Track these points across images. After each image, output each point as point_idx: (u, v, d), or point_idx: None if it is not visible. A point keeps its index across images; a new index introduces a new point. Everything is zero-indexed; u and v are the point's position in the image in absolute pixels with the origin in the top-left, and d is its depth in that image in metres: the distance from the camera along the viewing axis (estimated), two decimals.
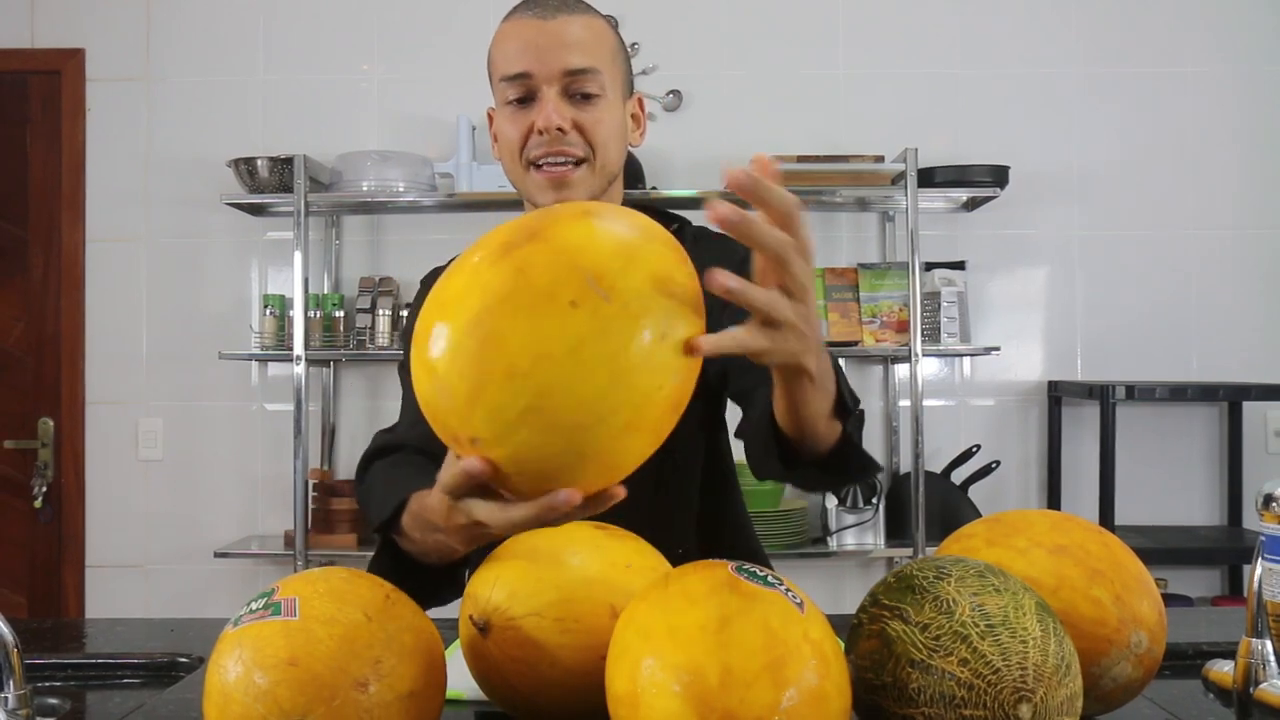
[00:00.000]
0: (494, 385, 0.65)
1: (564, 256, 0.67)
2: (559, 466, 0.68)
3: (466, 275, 0.69)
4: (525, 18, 1.18)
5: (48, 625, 1.32)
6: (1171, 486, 3.06)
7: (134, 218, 3.10)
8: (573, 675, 0.83)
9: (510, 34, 1.19)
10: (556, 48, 1.15)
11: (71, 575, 3.08)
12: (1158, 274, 3.08)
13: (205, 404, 3.09)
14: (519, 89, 1.17)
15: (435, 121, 3.07)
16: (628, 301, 0.67)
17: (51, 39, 3.11)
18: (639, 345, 0.66)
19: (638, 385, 0.67)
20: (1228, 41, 3.09)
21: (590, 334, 0.65)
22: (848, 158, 2.85)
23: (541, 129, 1.16)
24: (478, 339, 0.66)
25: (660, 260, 0.71)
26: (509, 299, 0.66)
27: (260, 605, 0.77)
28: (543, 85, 1.16)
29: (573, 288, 0.66)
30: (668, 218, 1.38)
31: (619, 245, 0.69)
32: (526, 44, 1.16)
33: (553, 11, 1.17)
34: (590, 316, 0.65)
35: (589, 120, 1.17)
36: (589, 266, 0.66)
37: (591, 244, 0.68)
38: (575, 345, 0.65)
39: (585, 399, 0.65)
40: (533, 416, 0.65)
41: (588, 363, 0.65)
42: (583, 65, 1.16)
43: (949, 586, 0.77)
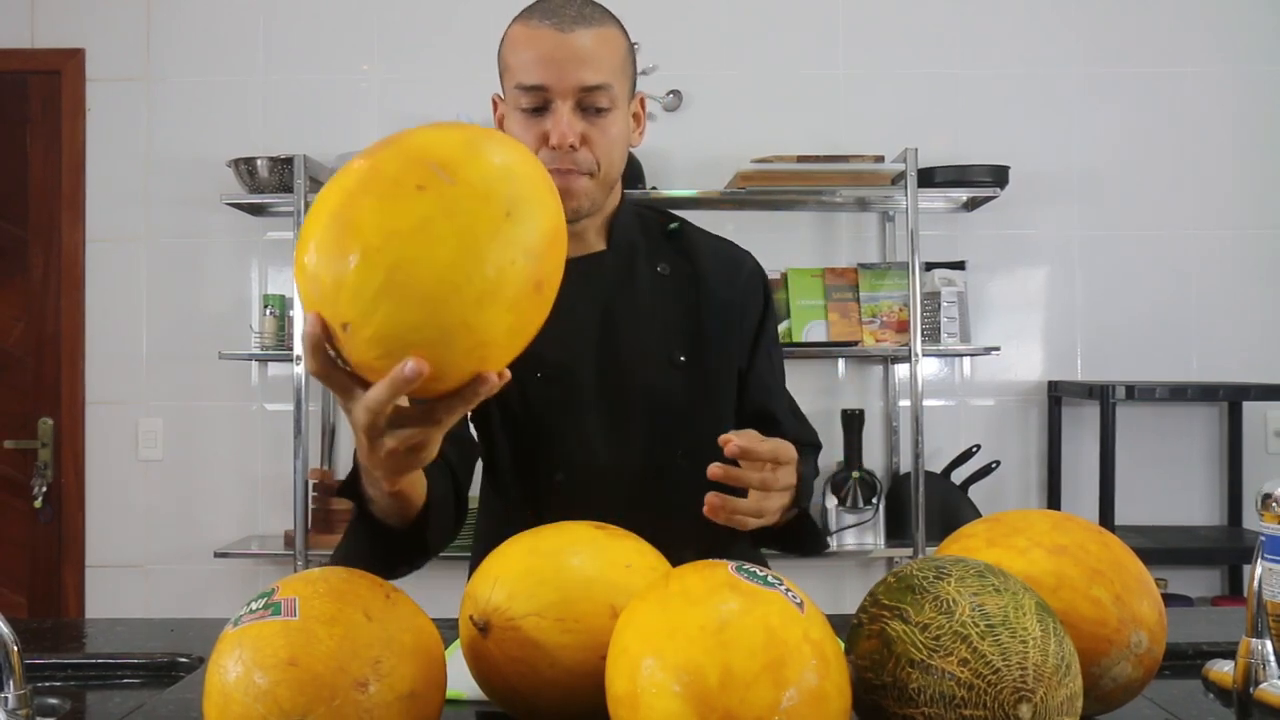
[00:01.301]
0: (350, 267, 0.70)
1: (413, 151, 0.73)
2: (423, 341, 0.70)
3: (331, 182, 0.75)
4: (543, 27, 1.19)
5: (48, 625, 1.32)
6: (1171, 486, 3.06)
7: (134, 218, 3.10)
8: (573, 675, 0.83)
9: (527, 41, 1.20)
10: (572, 63, 1.17)
11: (71, 575, 3.08)
12: (1158, 274, 3.08)
13: (205, 404, 3.09)
14: (533, 99, 1.19)
15: (435, 121, 3.06)
16: (473, 183, 0.72)
17: (51, 39, 3.11)
18: (486, 220, 0.71)
19: (488, 258, 0.71)
20: (1228, 41, 3.09)
21: (437, 212, 0.70)
22: (848, 158, 2.85)
23: (555, 145, 1.19)
24: (336, 229, 0.71)
25: (506, 153, 0.76)
26: (361, 189, 0.71)
27: (260, 605, 0.77)
28: (557, 99, 1.19)
29: (419, 174, 0.71)
30: (667, 217, 1.40)
31: (465, 140, 0.75)
32: (543, 56, 1.18)
33: (570, 23, 1.18)
34: (436, 197, 0.70)
35: (598, 135, 1.20)
36: (435, 157, 0.72)
37: (439, 140, 0.75)
38: (423, 222, 0.70)
39: (437, 270, 0.69)
40: (390, 290, 0.69)
41: (436, 237, 0.70)
42: (596, 81, 1.18)
43: (949, 586, 0.77)
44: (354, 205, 0.71)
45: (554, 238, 0.77)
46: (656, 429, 1.29)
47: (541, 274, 0.75)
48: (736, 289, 1.35)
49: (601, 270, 1.30)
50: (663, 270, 1.33)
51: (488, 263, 0.71)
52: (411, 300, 0.69)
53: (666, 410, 1.28)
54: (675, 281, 1.33)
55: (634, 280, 1.32)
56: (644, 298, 1.31)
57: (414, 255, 0.69)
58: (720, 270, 1.36)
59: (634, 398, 1.28)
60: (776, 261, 2.93)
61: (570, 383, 1.27)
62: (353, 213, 0.71)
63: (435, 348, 0.71)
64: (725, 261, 1.38)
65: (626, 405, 1.27)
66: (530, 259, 0.73)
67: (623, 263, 1.32)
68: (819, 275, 2.95)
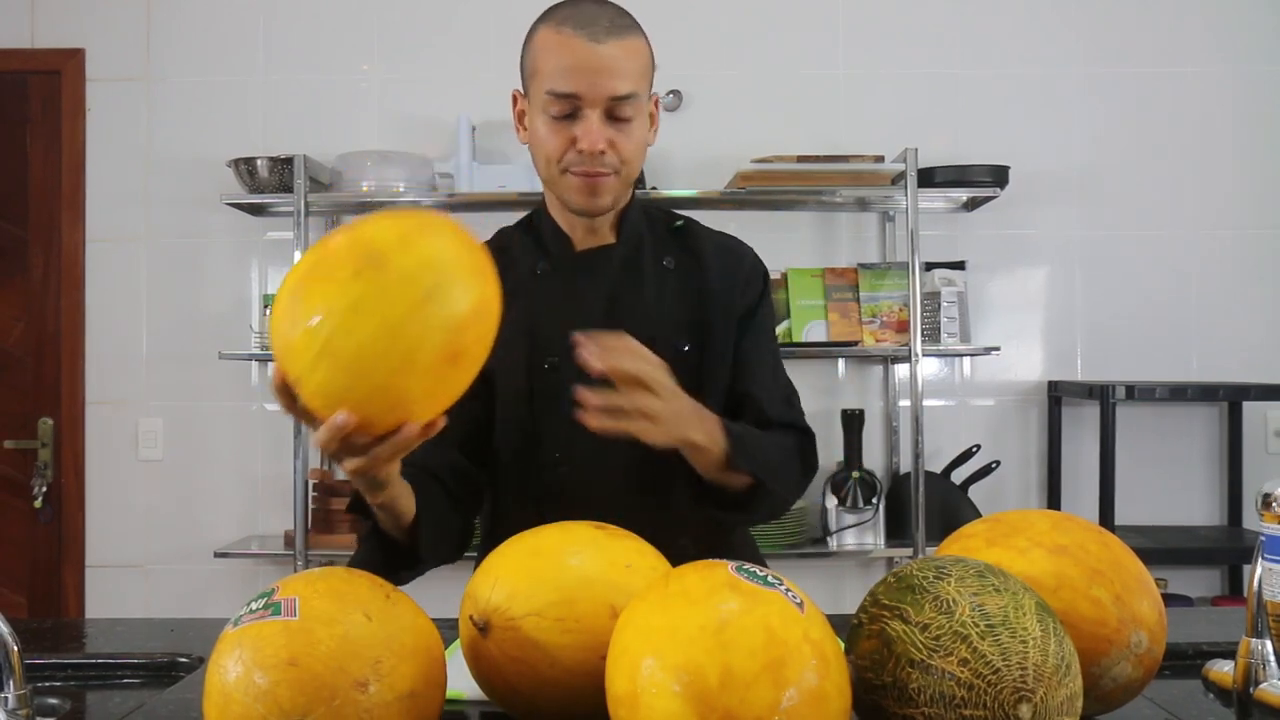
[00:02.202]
0: (297, 334, 0.86)
1: (358, 241, 0.87)
2: (351, 399, 0.86)
3: (301, 258, 0.91)
4: (578, 37, 1.24)
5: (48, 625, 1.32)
6: (1171, 486, 3.06)
7: (134, 218, 3.10)
8: (573, 675, 0.83)
9: (560, 49, 1.25)
10: (604, 74, 1.24)
11: (71, 575, 3.08)
12: (1158, 274, 3.08)
13: (205, 404, 3.08)
14: (564, 106, 1.25)
15: (435, 121, 3.06)
16: (400, 270, 0.84)
17: (51, 39, 3.11)
18: (405, 303, 0.84)
19: (405, 335, 0.84)
20: (1228, 41, 3.09)
21: (366, 295, 0.84)
22: (848, 158, 2.84)
23: (584, 150, 1.25)
24: (292, 301, 0.87)
25: (436, 243, 0.88)
26: (313, 271, 0.87)
27: (260, 605, 0.77)
28: (587, 108, 1.25)
29: (357, 262, 0.85)
30: (672, 216, 1.44)
31: (401, 232, 0.87)
32: (576, 66, 1.24)
33: (604, 34, 1.24)
34: (367, 282, 0.84)
35: (623, 140, 1.27)
36: (373, 247, 0.85)
37: (380, 231, 0.87)
38: (355, 303, 0.83)
39: (361, 343, 0.84)
40: (326, 356, 0.84)
41: (364, 315, 0.83)
42: (625, 92, 1.25)
43: (949, 586, 0.77)
44: (306, 284, 0.87)
45: (477, 313, 0.88)
46: None
47: (459, 346, 0.87)
48: (736, 280, 1.39)
49: (610, 261, 1.36)
50: (668, 264, 1.38)
51: (404, 338, 0.84)
52: (341, 366, 0.84)
53: None
54: (680, 274, 1.38)
55: (641, 272, 1.36)
56: (650, 289, 1.36)
57: (345, 329, 0.83)
58: (722, 263, 1.40)
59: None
60: (776, 261, 2.92)
61: (569, 365, 1.28)
62: (305, 290, 0.86)
63: (361, 405, 0.86)
64: (727, 254, 1.42)
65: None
66: (447, 334, 0.85)
67: (631, 255, 1.37)
68: (819, 275, 2.95)
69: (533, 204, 1.45)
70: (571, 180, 1.28)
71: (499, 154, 3.03)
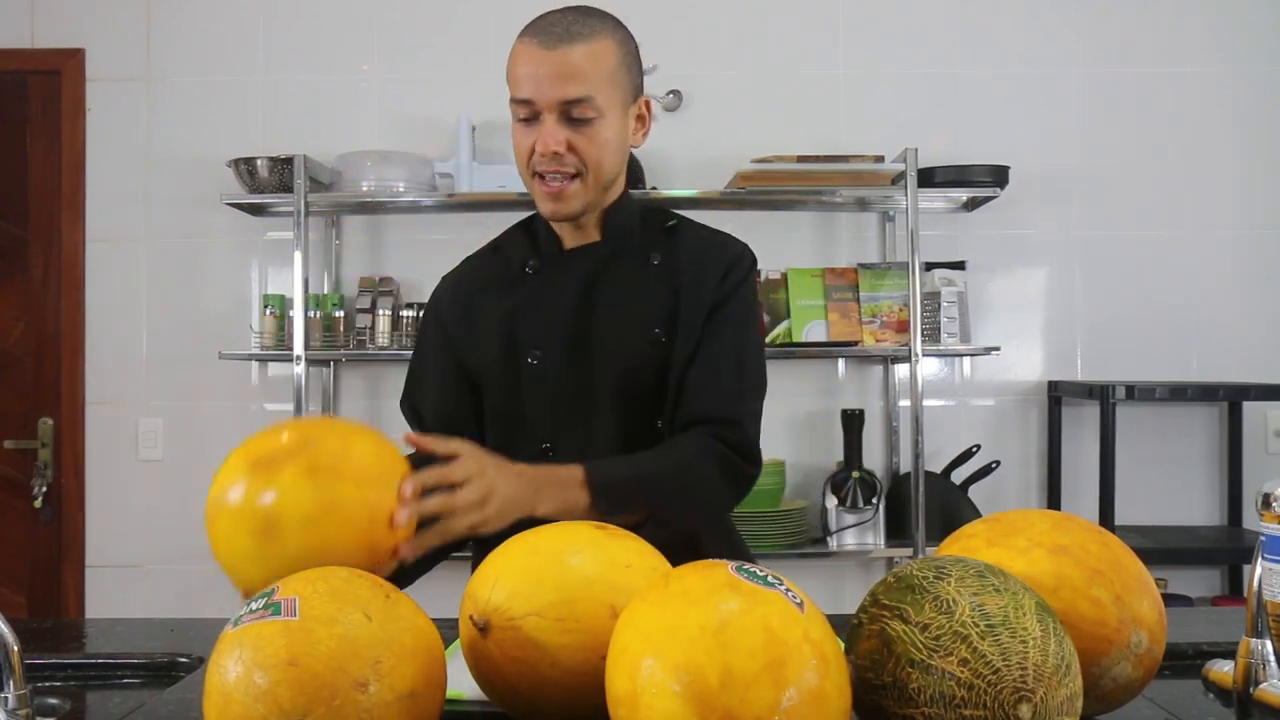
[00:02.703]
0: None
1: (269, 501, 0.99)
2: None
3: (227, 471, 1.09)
4: (532, 45, 1.29)
5: (48, 625, 1.32)
6: (1171, 486, 3.06)
7: (134, 218, 3.10)
8: (573, 675, 0.83)
9: (520, 58, 1.31)
10: (554, 79, 1.27)
11: (71, 575, 3.08)
12: (1158, 274, 3.08)
13: (205, 404, 3.08)
14: (525, 110, 1.31)
15: (435, 121, 3.06)
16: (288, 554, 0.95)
17: (51, 39, 3.11)
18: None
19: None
20: (1228, 41, 3.09)
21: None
22: (848, 158, 2.84)
23: (541, 152, 1.30)
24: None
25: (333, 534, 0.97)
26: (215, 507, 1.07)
27: (260, 605, 0.77)
28: (543, 111, 1.29)
29: (255, 523, 1.00)
30: (668, 216, 1.48)
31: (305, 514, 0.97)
32: (530, 73, 1.29)
33: (555, 41, 1.28)
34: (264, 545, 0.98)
35: (583, 142, 1.30)
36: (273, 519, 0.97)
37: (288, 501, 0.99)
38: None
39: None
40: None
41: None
42: (578, 95, 1.28)
43: (949, 586, 0.77)
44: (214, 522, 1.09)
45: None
46: (633, 400, 1.37)
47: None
48: (709, 269, 1.41)
49: (592, 259, 1.40)
50: (655, 260, 1.42)
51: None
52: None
53: (643, 383, 1.37)
54: (665, 269, 1.41)
55: (622, 266, 1.40)
56: (630, 281, 1.40)
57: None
58: (702, 254, 1.43)
59: (606, 371, 1.36)
60: (776, 261, 2.93)
61: (551, 361, 1.38)
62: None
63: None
64: (707, 246, 1.45)
65: (603, 385, 1.37)
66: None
67: (614, 251, 1.41)
68: (819, 275, 2.95)
69: (532, 204, 1.46)
70: (538, 186, 1.33)
71: (499, 154, 3.03)
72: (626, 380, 1.36)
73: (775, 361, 2.98)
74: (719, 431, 1.34)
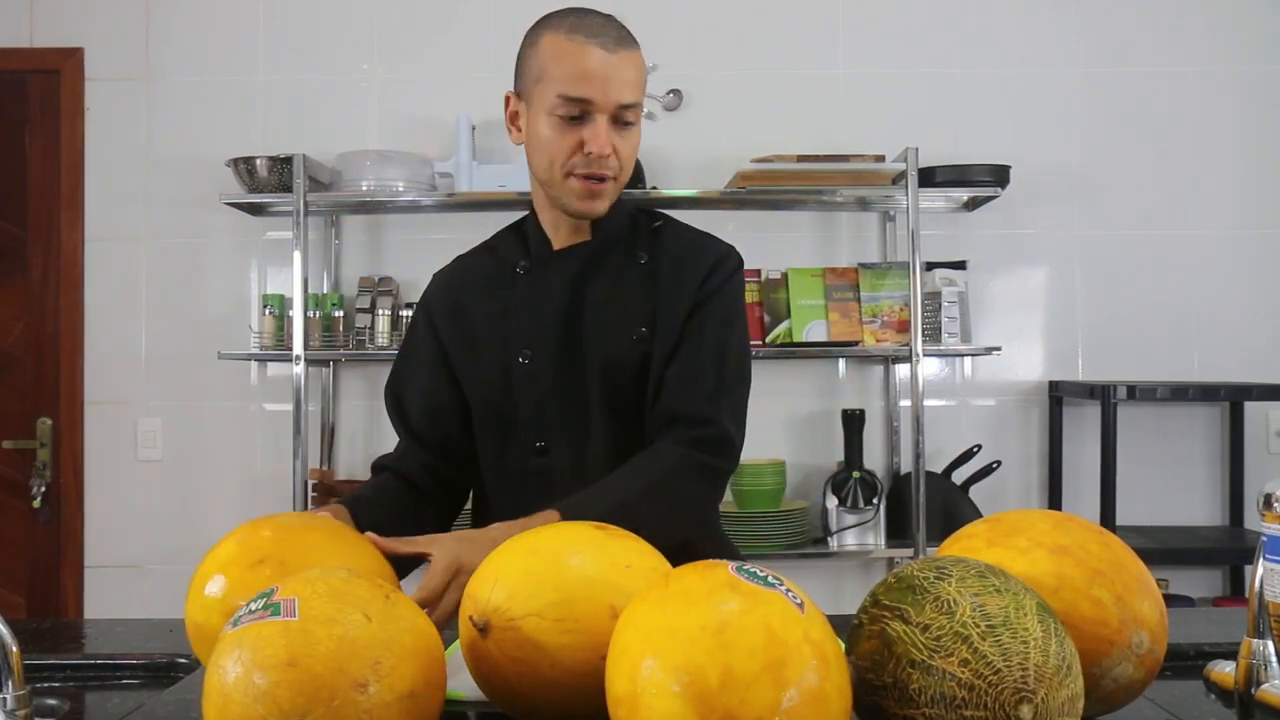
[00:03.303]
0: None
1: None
2: None
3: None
4: (591, 45, 1.30)
5: (47, 626, 1.32)
6: (1173, 486, 3.06)
7: (133, 217, 3.10)
8: (573, 675, 0.83)
9: (574, 55, 1.30)
10: (617, 82, 1.30)
11: (70, 575, 3.07)
12: (1158, 274, 3.08)
13: (204, 404, 3.08)
14: (575, 109, 1.31)
15: (435, 121, 3.06)
16: None
17: (50, 38, 3.11)
18: None
19: None
20: (1228, 41, 3.09)
21: None
22: (848, 157, 2.84)
23: (594, 154, 1.31)
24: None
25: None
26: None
27: (260, 606, 0.77)
28: (597, 113, 1.31)
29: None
30: (654, 217, 1.50)
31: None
32: (592, 73, 1.29)
33: (615, 45, 1.31)
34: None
35: (623, 145, 1.34)
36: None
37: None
38: None
39: None
40: None
41: None
42: (633, 100, 1.33)
43: (950, 587, 0.77)
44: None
45: None
46: (621, 397, 1.38)
47: None
48: (690, 267, 1.42)
49: (581, 257, 1.42)
50: (641, 259, 1.43)
51: None
52: None
53: (630, 380, 1.38)
54: (650, 268, 1.42)
55: (608, 266, 1.42)
56: (615, 280, 1.41)
57: None
58: (686, 254, 1.44)
59: (593, 367, 1.38)
60: (776, 261, 2.93)
61: (541, 360, 1.39)
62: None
63: None
64: (690, 246, 1.46)
65: (591, 384, 1.38)
66: None
67: (602, 251, 1.43)
68: (819, 275, 2.95)
69: (532, 204, 1.47)
70: (574, 184, 1.34)
71: (499, 153, 3.02)
72: (614, 378, 1.38)
73: (775, 361, 2.99)
74: (694, 431, 1.34)
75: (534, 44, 1.34)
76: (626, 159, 1.35)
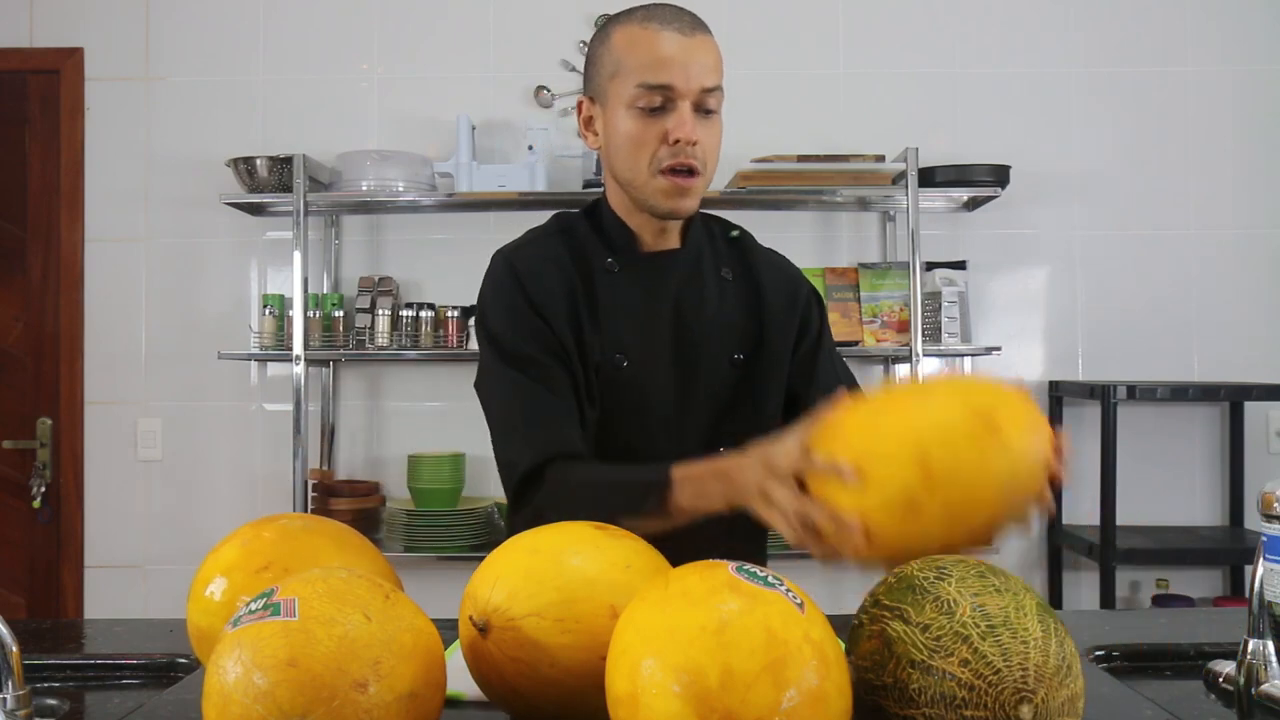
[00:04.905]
0: None
1: None
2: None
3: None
4: (667, 31, 1.26)
5: (47, 626, 1.32)
6: (1173, 486, 3.06)
7: (133, 218, 3.10)
8: (573, 675, 0.83)
9: (651, 43, 1.26)
10: (697, 65, 1.25)
11: (70, 575, 3.07)
12: (1158, 274, 3.08)
13: (204, 404, 3.08)
14: (658, 98, 1.25)
15: (435, 121, 3.06)
16: None
17: (50, 38, 3.11)
18: None
19: None
20: (1228, 41, 3.09)
21: None
22: (848, 157, 2.84)
23: (679, 139, 1.24)
24: None
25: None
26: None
27: (260, 606, 0.77)
28: (680, 99, 1.25)
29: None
30: (727, 225, 1.47)
31: None
32: (671, 58, 1.24)
33: (691, 29, 1.27)
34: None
35: (706, 135, 1.27)
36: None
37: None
38: None
39: None
40: None
41: None
42: (714, 84, 1.27)
43: (950, 587, 0.77)
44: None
45: None
46: (712, 421, 1.35)
47: None
48: (796, 306, 1.43)
49: (675, 267, 1.37)
50: (726, 275, 1.40)
51: None
52: None
53: (721, 404, 1.35)
54: (737, 287, 1.40)
55: (703, 280, 1.38)
56: (711, 298, 1.37)
57: None
58: (779, 284, 1.43)
59: (698, 390, 1.34)
60: None
61: (647, 371, 1.33)
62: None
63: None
64: (783, 278, 1.45)
65: (691, 397, 1.34)
66: None
67: (693, 261, 1.38)
68: (819, 275, 2.95)
69: (532, 204, 1.46)
70: (661, 183, 1.27)
71: (499, 153, 3.02)
72: (711, 394, 1.35)
73: None
74: None
75: (605, 40, 1.30)
76: (711, 151, 1.29)
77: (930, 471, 0.89)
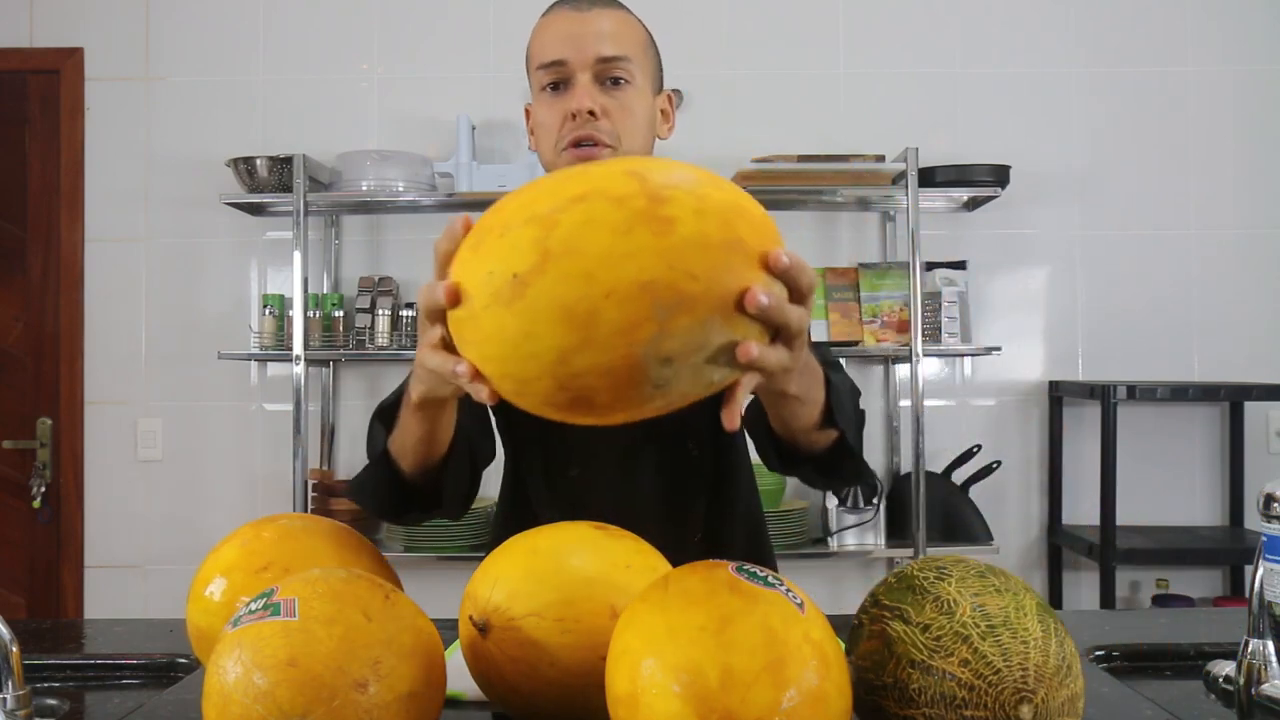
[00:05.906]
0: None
1: None
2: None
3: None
4: (562, 11, 1.25)
5: (47, 626, 1.32)
6: (1173, 486, 3.06)
7: (133, 217, 3.10)
8: (573, 675, 0.83)
9: (548, 26, 1.26)
10: (590, 36, 1.22)
11: (70, 576, 3.07)
12: (1158, 274, 3.08)
13: (204, 404, 3.08)
14: (554, 75, 1.23)
15: (435, 121, 3.06)
16: None
17: (50, 38, 3.11)
18: None
19: None
20: (1228, 41, 3.09)
21: None
22: (848, 157, 2.84)
23: (574, 111, 1.21)
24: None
25: None
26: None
27: (260, 606, 0.77)
28: (576, 72, 1.22)
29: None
30: None
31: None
32: (562, 34, 1.23)
33: (587, 5, 1.24)
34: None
35: (616, 106, 1.22)
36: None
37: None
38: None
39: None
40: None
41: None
42: (613, 53, 1.22)
43: (950, 587, 0.77)
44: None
45: None
46: (668, 422, 1.29)
47: None
48: None
49: None
50: None
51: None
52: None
53: (679, 410, 1.29)
54: None
55: None
56: None
57: None
58: None
59: None
60: None
61: None
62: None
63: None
64: None
65: None
66: None
67: None
68: (820, 275, 2.95)
69: None
70: (566, 158, 1.21)
71: (499, 153, 3.03)
72: None
73: None
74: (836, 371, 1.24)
75: (529, 39, 1.30)
76: (622, 122, 1.22)
77: (548, 249, 0.67)
